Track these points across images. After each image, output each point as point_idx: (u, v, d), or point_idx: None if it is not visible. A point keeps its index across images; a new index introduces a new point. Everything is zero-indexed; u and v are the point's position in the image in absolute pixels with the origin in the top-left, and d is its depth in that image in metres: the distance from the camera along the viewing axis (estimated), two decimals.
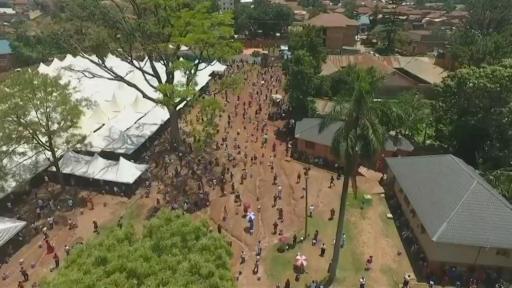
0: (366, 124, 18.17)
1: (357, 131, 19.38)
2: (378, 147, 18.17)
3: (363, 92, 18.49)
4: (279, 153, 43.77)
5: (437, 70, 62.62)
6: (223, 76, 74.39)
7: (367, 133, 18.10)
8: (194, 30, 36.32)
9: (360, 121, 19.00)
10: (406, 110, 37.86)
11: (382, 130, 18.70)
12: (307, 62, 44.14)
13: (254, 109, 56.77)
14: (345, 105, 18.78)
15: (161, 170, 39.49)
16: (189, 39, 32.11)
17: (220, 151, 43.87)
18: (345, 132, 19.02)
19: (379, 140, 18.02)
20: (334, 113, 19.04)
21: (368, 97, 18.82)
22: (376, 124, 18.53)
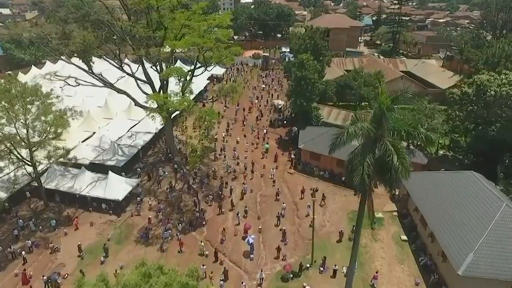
0: (388, 148, 15.24)
1: (376, 153, 16.44)
2: (405, 175, 15.25)
3: (384, 109, 15.60)
4: (282, 164, 40.85)
5: (446, 74, 59.70)
6: (222, 79, 71.60)
7: (389, 159, 15.16)
8: (190, 33, 33.48)
9: (379, 143, 16.06)
10: (419, 119, 34.93)
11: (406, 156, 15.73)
12: (311, 67, 41.24)
13: (254, 116, 53.85)
14: (362, 126, 15.84)
15: (154, 184, 36.57)
16: (184, 43, 29.22)
17: (218, 162, 40.95)
18: (361, 156, 16.07)
19: (405, 167, 15.10)
20: (346, 136, 16.10)
21: (390, 115, 15.93)
22: (400, 148, 15.61)
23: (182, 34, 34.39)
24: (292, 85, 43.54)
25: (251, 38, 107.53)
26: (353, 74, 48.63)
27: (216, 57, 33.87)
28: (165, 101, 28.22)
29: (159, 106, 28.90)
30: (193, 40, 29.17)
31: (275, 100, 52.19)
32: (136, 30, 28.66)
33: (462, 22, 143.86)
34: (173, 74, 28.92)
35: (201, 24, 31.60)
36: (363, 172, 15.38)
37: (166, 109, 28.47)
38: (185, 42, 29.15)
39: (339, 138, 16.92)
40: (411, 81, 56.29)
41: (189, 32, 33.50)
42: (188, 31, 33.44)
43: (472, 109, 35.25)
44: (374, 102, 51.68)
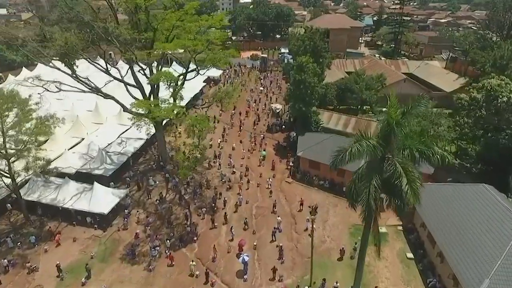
0: (397, 170, 13.18)
1: (383, 174, 14.34)
2: (414, 201, 13.20)
3: (393, 124, 13.53)
4: (279, 172, 38.76)
5: (450, 76, 57.58)
6: (219, 81, 69.52)
7: (398, 181, 13.11)
8: (181, 35, 31.39)
9: (387, 162, 13.97)
10: (425, 125, 32.81)
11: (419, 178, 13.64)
12: (310, 70, 39.15)
13: (251, 120, 51.76)
14: (368, 144, 13.74)
15: (144, 195, 34.47)
16: (174, 45, 27.09)
17: (212, 170, 38.84)
18: (366, 178, 13.98)
19: (415, 193, 13.03)
20: (349, 156, 14.01)
21: (400, 131, 13.86)
22: (411, 170, 13.54)
23: (174, 36, 32.35)
24: (291, 89, 41.48)
25: (249, 38, 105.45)
26: (354, 77, 46.54)
27: (210, 60, 31.83)
28: (151, 109, 26.14)
29: (145, 114, 26.80)
30: (183, 42, 27.08)
31: (273, 104, 50.09)
32: (119, 32, 26.50)
33: (464, 22, 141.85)
34: (161, 79, 26.82)
35: (193, 25, 29.48)
36: (369, 197, 13.32)
37: (153, 118, 26.38)
38: (174, 45, 27.02)
39: (340, 157, 14.80)
40: (414, 84, 54.15)
41: (180, 34, 31.44)
42: (180, 33, 31.36)
43: (481, 115, 33.18)
44: (376, 107, 49.89)
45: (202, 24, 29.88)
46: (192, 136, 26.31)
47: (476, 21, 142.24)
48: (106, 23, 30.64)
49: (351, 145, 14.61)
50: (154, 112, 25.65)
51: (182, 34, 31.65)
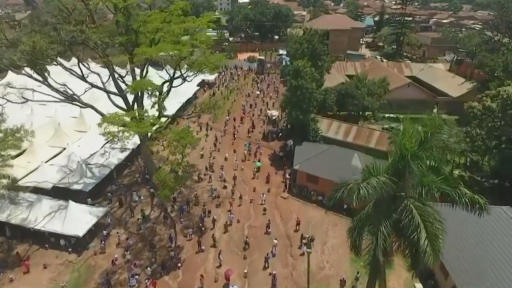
0: (414, 219, 10.31)
1: (393, 216, 11.46)
2: (434, 261, 10.29)
3: (408, 158, 10.68)
4: (274, 186, 35.89)
5: (456, 80, 54.68)
6: (214, 85, 66.66)
7: (415, 233, 10.23)
8: (167, 38, 28.50)
9: (400, 204, 11.12)
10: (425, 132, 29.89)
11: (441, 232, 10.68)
12: (308, 75, 36.27)
13: (246, 127, 48.88)
14: (378, 182, 10.87)
15: (126, 212, 31.59)
16: (155, 50, 24.22)
17: (202, 183, 35.95)
18: (373, 222, 11.11)
19: (435, 249, 10.14)
20: (356, 198, 11.14)
21: (417, 166, 11.01)
22: (432, 220, 10.62)
23: (159, 39, 29.50)
24: (287, 95, 38.61)
25: (247, 39, 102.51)
26: (356, 82, 43.68)
27: (198, 65, 28.97)
28: (126, 123, 23.27)
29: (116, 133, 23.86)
30: (164, 47, 24.22)
31: (269, 110, 47.20)
32: (86, 36, 23.60)
33: (466, 22, 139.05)
34: (141, 88, 23.97)
35: (177, 28, 26.62)
36: (377, 250, 10.46)
37: (124, 136, 23.50)
38: (156, 50, 24.14)
39: (342, 190, 11.93)
40: (419, 89, 51.26)
41: (165, 37, 28.57)
42: (165, 35, 28.48)
43: (495, 126, 30.30)
44: (378, 113, 47.01)
45: (188, 26, 26.97)
46: (175, 152, 23.45)
47: (480, 21, 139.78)
48: (83, 25, 27.78)
49: (355, 182, 11.67)
50: (129, 127, 22.79)
51: (168, 37, 28.77)
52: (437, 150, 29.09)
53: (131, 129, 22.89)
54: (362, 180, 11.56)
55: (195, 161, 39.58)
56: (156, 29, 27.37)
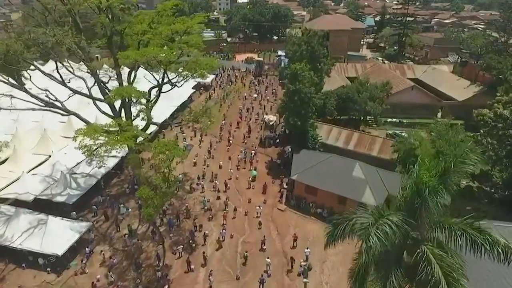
0: (434, 272, 8.30)
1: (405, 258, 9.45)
2: None
3: (425, 194, 8.70)
4: (271, 196, 33.87)
5: (462, 83, 52.59)
6: (210, 87, 64.66)
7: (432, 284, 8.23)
8: (155, 40, 26.51)
9: (415, 249, 9.12)
10: (441, 147, 27.89)
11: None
12: (306, 79, 34.27)
13: (243, 131, 46.87)
14: (389, 224, 8.85)
15: (112, 227, 29.58)
16: (139, 55, 22.20)
17: (194, 194, 33.96)
18: (381, 270, 9.08)
19: None
20: (366, 250, 9.06)
21: (436, 203, 9.03)
22: (456, 276, 8.55)
23: (147, 41, 27.48)
24: (284, 100, 36.61)
25: (245, 40, 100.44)
26: (357, 86, 41.65)
27: (188, 70, 26.96)
28: (106, 136, 21.30)
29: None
30: (149, 51, 22.21)
31: (266, 115, 45.20)
32: (58, 39, 21.57)
33: (469, 22, 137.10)
34: (122, 95, 21.97)
35: (165, 29, 24.62)
36: None
37: (102, 151, 21.52)
38: (140, 54, 22.12)
39: (338, 231, 9.92)
40: (423, 92, 49.20)
41: (153, 39, 26.58)
42: (153, 37, 26.48)
43: (506, 134, 28.27)
44: (380, 118, 44.96)
45: (175, 28, 24.94)
46: (160, 167, 21.49)
47: (483, 21, 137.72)
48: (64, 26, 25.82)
49: (361, 224, 9.63)
50: (108, 142, 20.79)
51: (156, 40, 26.77)
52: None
53: (109, 144, 20.91)
54: (372, 224, 9.40)
55: (188, 169, 37.61)
56: (142, 31, 25.32)
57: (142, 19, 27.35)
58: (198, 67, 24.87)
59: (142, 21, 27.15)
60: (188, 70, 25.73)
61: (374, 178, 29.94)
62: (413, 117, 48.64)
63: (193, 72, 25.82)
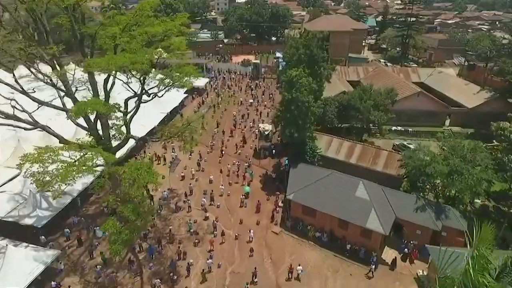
0: None
1: None
2: None
3: None
4: (265, 216, 30.63)
5: (470, 88, 49.32)
6: (204, 91, 61.44)
7: None
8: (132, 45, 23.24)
9: None
10: (459, 167, 24.66)
11: None
12: (304, 86, 31.02)
13: (236, 141, 43.63)
14: None
15: (85, 254, 26.32)
16: (106, 63, 18.94)
17: (181, 213, 30.74)
18: None
19: None
20: None
21: None
22: None
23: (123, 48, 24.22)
24: (279, 110, 33.39)
25: (242, 41, 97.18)
26: (360, 93, 38.36)
27: (175, 79, 23.74)
28: (55, 161, 18.06)
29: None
30: (118, 59, 18.95)
31: (261, 124, 41.93)
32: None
33: (472, 23, 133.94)
34: (85, 110, 18.73)
35: (140, 32, 21.40)
36: None
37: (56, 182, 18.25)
38: (107, 62, 18.86)
39: None
40: (429, 98, 45.90)
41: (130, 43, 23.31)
42: (129, 41, 23.22)
43: None
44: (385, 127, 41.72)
45: (153, 31, 21.71)
46: (130, 195, 18.29)
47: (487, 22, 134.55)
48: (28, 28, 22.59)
49: None
50: (62, 174, 17.50)
51: (133, 44, 23.52)
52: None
53: (60, 177, 17.65)
54: None
55: (174, 183, 34.48)
56: (114, 35, 22.08)
57: (119, 21, 24.10)
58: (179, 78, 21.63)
59: (118, 22, 23.91)
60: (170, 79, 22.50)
61: (380, 199, 26.70)
62: (419, 125, 45.44)
63: (175, 81, 22.59)
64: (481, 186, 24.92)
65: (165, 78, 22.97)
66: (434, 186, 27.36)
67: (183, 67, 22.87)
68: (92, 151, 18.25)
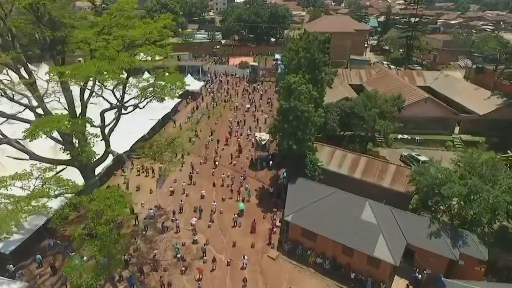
0: None
1: None
2: None
3: None
4: (261, 237, 27.78)
5: (481, 93, 46.43)
6: (200, 95, 58.65)
7: None
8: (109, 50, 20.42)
9: None
10: (475, 185, 21.89)
11: None
12: (304, 94, 28.19)
13: (232, 150, 40.80)
14: None
15: (58, 283, 23.47)
16: (70, 72, 16.10)
17: (168, 235, 27.89)
18: None
19: None
20: None
21: None
22: None
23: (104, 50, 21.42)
24: (277, 120, 30.59)
25: (240, 42, 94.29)
26: (364, 100, 35.49)
27: (156, 90, 20.92)
28: None
29: None
30: (83, 68, 16.13)
31: (257, 133, 39.05)
32: None
33: (476, 23, 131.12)
34: (43, 130, 15.91)
35: (115, 36, 18.60)
36: None
37: None
38: (72, 71, 16.03)
39: None
40: (438, 104, 43.01)
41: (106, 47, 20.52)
42: (105, 46, 20.42)
43: None
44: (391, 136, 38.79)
45: (130, 35, 18.90)
46: (96, 230, 15.48)
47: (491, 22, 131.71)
48: None
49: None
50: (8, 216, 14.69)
51: (110, 49, 20.72)
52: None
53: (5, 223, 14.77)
54: None
55: (163, 200, 31.67)
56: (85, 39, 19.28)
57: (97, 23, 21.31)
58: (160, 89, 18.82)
59: (94, 25, 21.13)
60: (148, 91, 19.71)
61: (389, 222, 23.87)
62: (426, 132, 42.62)
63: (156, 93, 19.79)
64: (503, 208, 22.12)
65: (147, 88, 20.12)
66: (449, 208, 24.53)
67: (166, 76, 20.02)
68: (50, 181, 15.39)
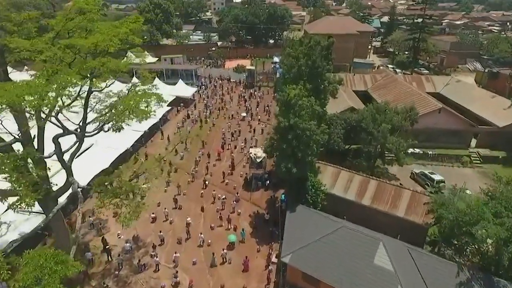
0: None
1: None
2: None
3: None
4: (254, 277, 23.70)
5: (499, 102, 42.30)
6: (192, 102, 54.60)
7: None
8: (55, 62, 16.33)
9: None
10: (498, 212, 17.93)
11: None
12: (305, 109, 24.13)
13: (224, 166, 36.76)
14: None
15: None
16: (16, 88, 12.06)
17: (145, 276, 23.75)
18: None
19: None
20: None
21: None
22: None
23: None
24: (274, 138, 26.49)
25: (237, 44, 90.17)
26: (372, 112, 31.37)
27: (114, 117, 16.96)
28: None
29: None
30: (16, 90, 12.05)
31: (252, 149, 34.94)
32: None
33: (482, 24, 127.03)
34: None
35: (63, 45, 14.54)
36: None
37: None
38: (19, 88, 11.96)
39: None
40: (452, 115, 38.88)
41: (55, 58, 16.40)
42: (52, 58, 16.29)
43: None
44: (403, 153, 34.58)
45: (80, 44, 14.88)
46: None
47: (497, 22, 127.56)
48: None
49: None
50: None
51: (67, 58, 16.63)
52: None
53: None
54: None
55: (142, 228, 27.57)
56: (36, 49, 15.21)
57: (51, 26, 17.24)
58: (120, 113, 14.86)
59: (52, 29, 17.07)
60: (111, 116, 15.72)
61: (407, 268, 19.79)
62: (439, 146, 38.60)
63: (121, 113, 15.78)
64: None
65: (107, 111, 16.11)
66: (479, 250, 20.47)
67: (125, 97, 16.01)
68: None
